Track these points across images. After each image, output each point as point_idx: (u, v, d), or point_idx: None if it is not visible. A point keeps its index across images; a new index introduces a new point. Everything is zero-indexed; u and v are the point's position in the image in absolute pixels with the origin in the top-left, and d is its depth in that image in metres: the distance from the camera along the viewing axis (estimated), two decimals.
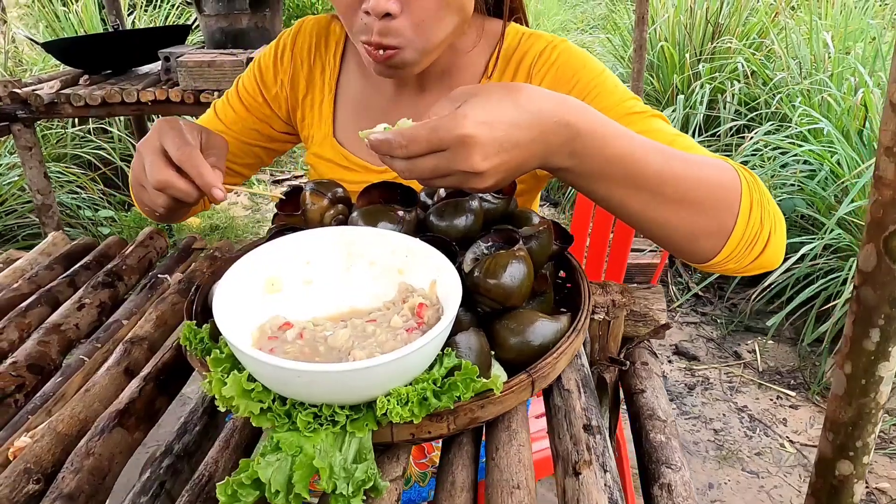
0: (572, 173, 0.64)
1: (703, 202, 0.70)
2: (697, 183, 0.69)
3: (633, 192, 0.67)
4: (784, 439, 2.12)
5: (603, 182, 0.65)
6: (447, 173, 0.58)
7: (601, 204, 0.70)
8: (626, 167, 0.65)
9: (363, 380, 0.49)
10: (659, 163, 0.66)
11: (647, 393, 0.79)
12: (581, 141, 0.61)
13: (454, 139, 0.55)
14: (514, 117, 0.57)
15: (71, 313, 0.84)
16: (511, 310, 0.66)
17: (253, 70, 1.06)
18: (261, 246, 0.63)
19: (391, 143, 0.58)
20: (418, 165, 0.58)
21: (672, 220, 0.70)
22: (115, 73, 2.60)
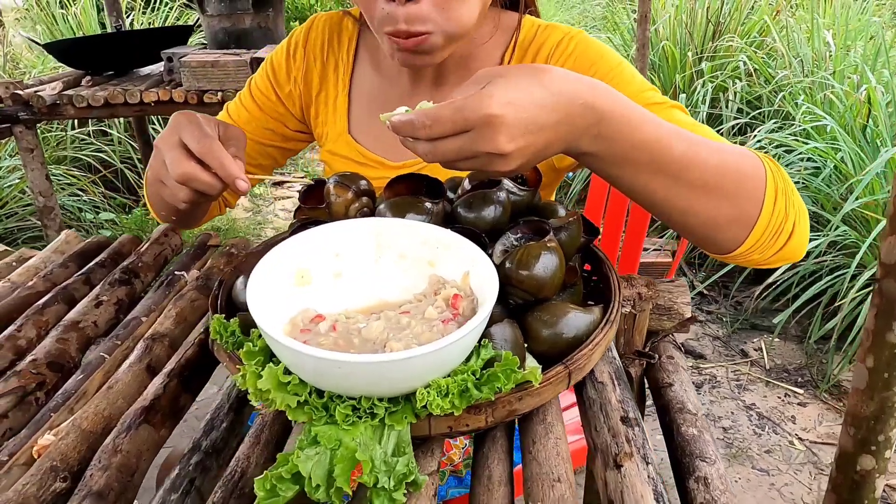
0: (597, 158, 0.63)
1: (727, 189, 0.68)
2: (722, 170, 0.68)
3: (658, 178, 0.65)
4: (793, 437, 2.12)
5: (628, 167, 0.64)
6: (471, 155, 0.56)
7: (624, 190, 0.69)
8: (651, 152, 0.63)
9: (404, 370, 0.48)
10: (683, 149, 0.65)
11: (675, 387, 0.78)
12: (607, 125, 0.60)
13: (479, 119, 0.54)
14: (541, 98, 0.56)
15: (89, 311, 0.83)
16: (543, 301, 0.65)
17: (265, 69, 1.05)
18: (290, 238, 0.62)
19: (414, 124, 0.56)
20: (441, 147, 0.56)
21: (695, 208, 0.68)
22: (117, 74, 2.59)
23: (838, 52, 3.14)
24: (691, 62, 3.42)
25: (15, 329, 0.79)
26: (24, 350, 0.78)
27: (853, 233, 2.41)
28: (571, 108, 0.57)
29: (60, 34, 4.30)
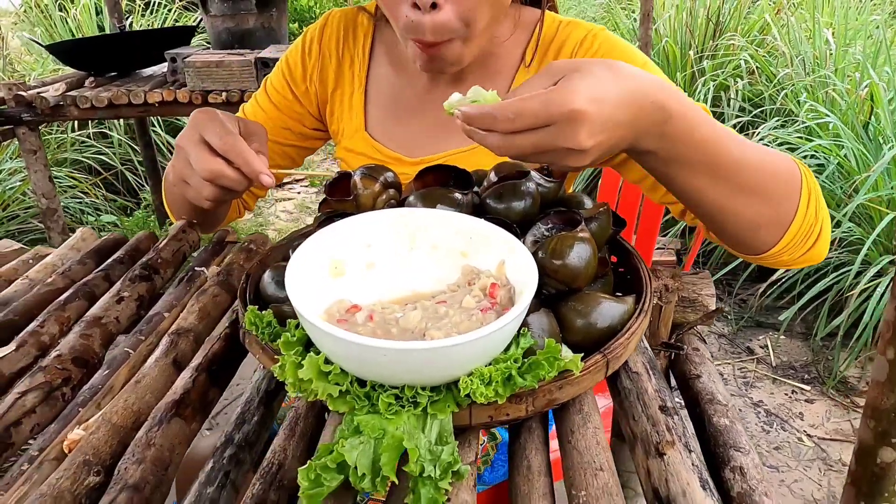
0: (657, 157, 0.63)
1: (771, 191, 0.70)
2: (766, 172, 0.69)
3: (710, 179, 0.66)
4: (801, 433, 2.12)
5: (685, 167, 0.64)
6: (548, 149, 0.55)
7: (675, 190, 0.69)
8: (708, 153, 0.64)
9: (450, 358, 0.48)
10: (735, 150, 0.66)
11: (703, 378, 0.77)
12: (672, 124, 0.60)
13: (564, 114, 0.53)
14: (618, 95, 0.55)
15: (110, 306, 0.82)
16: (575, 292, 0.65)
17: (281, 68, 1.04)
18: (324, 229, 0.61)
19: (496, 118, 0.54)
20: (518, 140, 0.54)
21: (740, 209, 0.70)
22: (120, 75, 2.58)
23: (839, 50, 3.15)
24: (692, 61, 3.43)
25: (37, 325, 0.78)
26: (46, 346, 0.77)
27: (858, 229, 2.41)
28: (644, 105, 0.57)
29: (59, 36, 4.28)
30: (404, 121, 0.97)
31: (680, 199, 0.70)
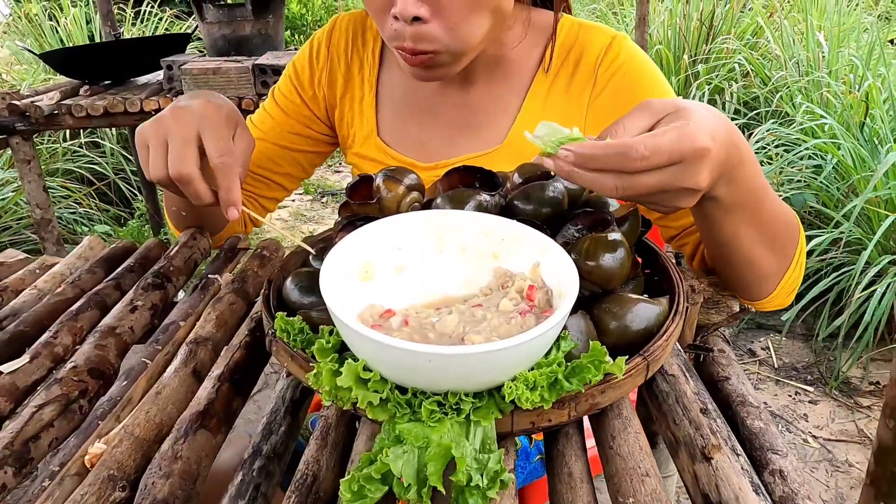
0: (719, 203, 0.62)
1: (782, 244, 0.73)
2: (785, 225, 0.72)
3: (748, 227, 0.67)
4: (807, 434, 2.11)
5: (736, 214, 0.64)
6: (668, 189, 0.53)
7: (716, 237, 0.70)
8: (755, 201, 0.65)
9: (496, 363, 0.46)
10: (772, 202, 0.68)
11: (732, 380, 0.76)
12: (742, 169, 0.59)
13: (695, 151, 0.51)
14: (725, 135, 0.55)
15: (124, 316, 0.80)
16: (609, 293, 0.63)
17: (289, 73, 1.02)
18: (354, 232, 0.60)
19: (628, 155, 0.50)
20: (642, 180, 0.52)
21: (759, 259, 0.72)
22: (115, 84, 2.55)
23: (832, 52, 3.18)
24: (687, 64, 3.44)
25: (50, 336, 0.76)
26: (60, 357, 0.75)
27: (857, 230, 2.42)
28: (729, 146, 0.56)
29: (49, 45, 4.25)
30: (416, 125, 0.95)
31: (714, 246, 0.71)
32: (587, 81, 0.87)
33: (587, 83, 0.87)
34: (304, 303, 0.65)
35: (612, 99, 0.86)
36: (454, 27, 0.74)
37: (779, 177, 2.65)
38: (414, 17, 0.71)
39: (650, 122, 0.54)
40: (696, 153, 0.52)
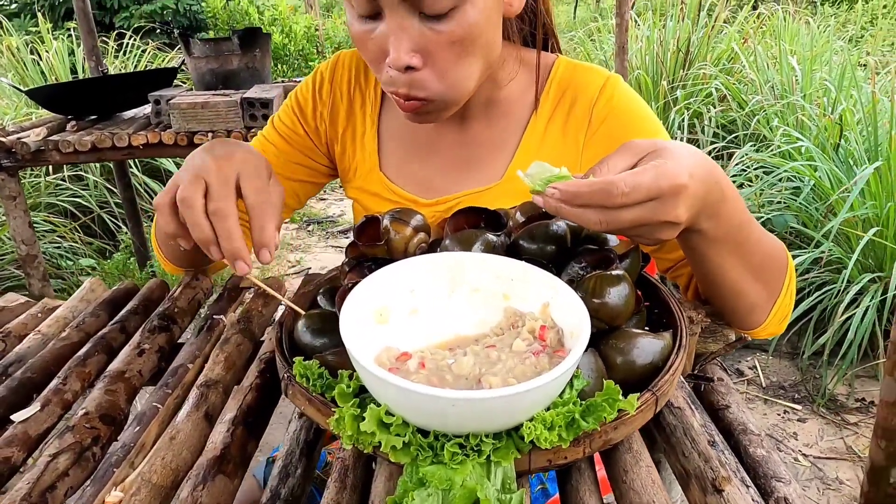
0: (704, 237, 0.66)
1: (770, 275, 0.77)
2: (770, 257, 0.76)
3: (734, 259, 0.71)
4: (797, 453, 2.14)
5: (722, 246, 0.68)
6: (647, 223, 0.57)
7: (705, 269, 0.73)
8: (740, 235, 0.69)
9: (517, 405, 0.48)
10: (757, 235, 0.72)
11: (732, 408, 0.78)
12: (724, 205, 0.63)
13: (671, 188, 0.55)
14: (703, 173, 0.59)
15: (132, 360, 0.80)
16: (614, 330, 0.65)
17: (290, 105, 1.04)
18: (370, 277, 0.61)
19: (610, 192, 0.54)
20: (623, 215, 0.55)
21: (748, 290, 0.76)
22: (101, 118, 2.55)
23: (805, 76, 3.27)
24: (665, 90, 3.52)
25: (60, 382, 0.76)
26: (70, 403, 0.75)
27: (837, 248, 2.48)
28: (710, 183, 0.60)
29: (31, 80, 4.24)
30: (417, 162, 0.97)
31: (703, 278, 0.75)
32: (583, 121, 0.89)
33: (583, 122, 0.90)
34: (317, 345, 0.66)
35: (606, 138, 0.89)
36: (445, 75, 0.76)
37: (759, 199, 2.71)
38: (407, 66, 0.74)
39: (632, 161, 0.59)
40: (672, 189, 0.56)
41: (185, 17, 7.53)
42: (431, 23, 0.73)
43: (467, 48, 0.75)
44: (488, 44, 0.78)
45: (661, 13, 4.24)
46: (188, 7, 7.49)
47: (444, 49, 0.74)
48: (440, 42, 0.73)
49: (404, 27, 0.72)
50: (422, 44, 0.73)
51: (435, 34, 0.73)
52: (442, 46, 0.74)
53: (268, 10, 6.55)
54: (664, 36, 3.78)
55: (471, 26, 0.74)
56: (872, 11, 7.50)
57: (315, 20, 7.22)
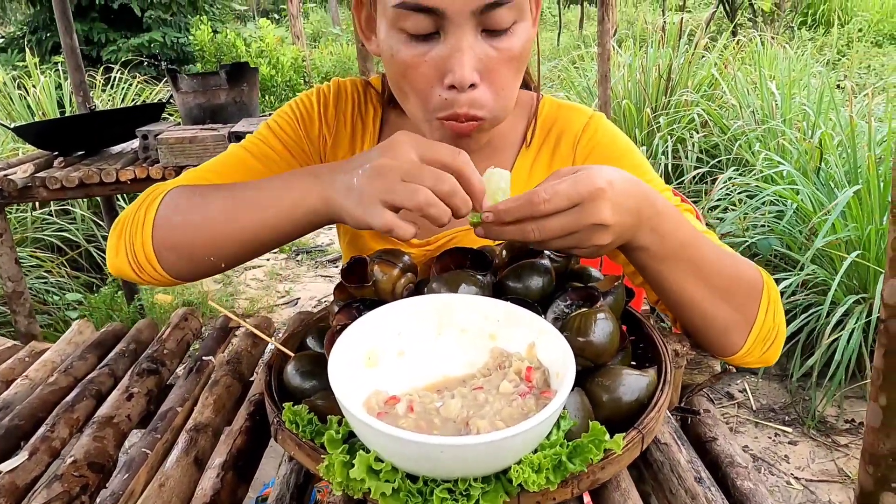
0: (650, 253, 0.69)
1: (740, 296, 0.77)
2: (737, 277, 0.77)
3: (693, 279, 0.73)
4: (789, 476, 2.14)
5: (673, 264, 0.71)
6: (575, 230, 0.61)
7: (663, 288, 0.75)
8: (691, 253, 0.71)
9: (506, 449, 0.49)
10: (714, 254, 0.74)
11: (720, 440, 0.79)
12: (661, 219, 0.67)
13: (590, 192, 0.60)
14: (625, 185, 0.63)
15: (121, 404, 0.80)
16: (600, 367, 0.66)
17: (293, 117, 0.98)
18: (359, 321, 0.62)
19: (533, 201, 0.60)
20: (550, 224, 0.61)
21: (713, 311, 0.77)
22: (88, 154, 2.56)
23: (785, 101, 3.34)
24: (649, 117, 3.57)
25: (47, 429, 0.76)
26: (58, 451, 0.75)
27: (822, 271, 2.51)
28: (640, 198, 0.65)
29: (17, 114, 4.24)
30: None
31: (666, 299, 0.76)
32: (567, 157, 0.92)
33: (567, 159, 0.92)
34: (307, 388, 0.67)
35: None
36: (501, 92, 0.78)
37: (744, 222, 2.74)
38: (471, 83, 0.74)
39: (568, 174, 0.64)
40: (592, 193, 0.61)
41: (172, 50, 7.59)
42: (492, 40, 0.74)
43: (520, 65, 0.79)
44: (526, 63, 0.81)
45: (642, 41, 4.32)
46: (175, 40, 7.56)
47: (503, 65, 0.76)
48: (500, 59, 0.75)
49: (471, 44, 0.73)
50: (484, 61, 0.75)
51: (495, 51, 0.75)
52: (501, 63, 0.76)
53: (255, 43, 6.62)
54: (646, 63, 3.85)
55: (525, 43, 0.77)
56: (848, 35, 7.69)
57: (302, 51, 7.30)
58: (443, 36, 0.74)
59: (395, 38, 0.75)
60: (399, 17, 0.73)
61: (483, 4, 0.71)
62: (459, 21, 0.72)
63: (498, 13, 0.72)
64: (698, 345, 0.85)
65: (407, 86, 0.79)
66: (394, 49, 0.76)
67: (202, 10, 8.13)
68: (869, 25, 7.98)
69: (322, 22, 14.60)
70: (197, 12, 8.01)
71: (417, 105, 0.80)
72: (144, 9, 7.61)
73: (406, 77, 0.77)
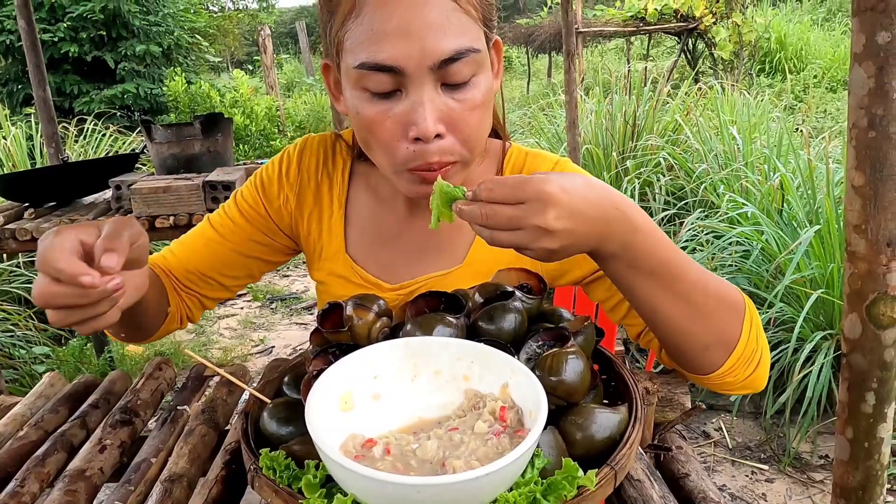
0: (622, 263, 0.70)
1: (720, 315, 0.78)
2: (718, 296, 0.78)
3: (671, 297, 0.74)
4: None
5: (648, 280, 0.72)
6: (520, 226, 0.62)
7: (637, 301, 0.76)
8: (671, 271, 0.72)
9: (481, 488, 0.50)
10: (693, 273, 0.75)
11: (692, 476, 0.81)
12: (639, 236, 0.68)
13: (535, 193, 0.62)
14: (588, 194, 0.65)
15: (93, 457, 0.79)
16: (572, 406, 0.68)
17: (255, 183, 1.04)
18: (334, 365, 0.63)
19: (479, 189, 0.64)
20: (496, 212, 0.63)
21: (691, 328, 0.77)
22: (60, 205, 2.54)
23: (746, 145, 3.46)
24: (616, 161, 3.67)
25: (17, 485, 0.74)
26: None
27: (790, 309, 2.57)
28: (609, 211, 0.66)
29: None
30: (382, 247, 1.00)
31: (641, 311, 0.77)
32: None
33: None
34: (283, 434, 0.67)
35: None
36: (467, 140, 0.81)
37: (712, 263, 2.81)
38: (436, 134, 0.78)
39: None
40: (538, 195, 0.62)
41: (146, 102, 7.62)
42: (452, 93, 0.78)
43: (485, 113, 0.82)
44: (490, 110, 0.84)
45: (608, 89, 4.47)
46: (149, 91, 7.60)
47: (466, 116, 0.80)
48: (462, 110, 0.79)
49: (431, 98, 0.77)
50: (446, 112, 0.78)
51: (456, 103, 0.78)
52: (463, 114, 0.79)
53: (229, 93, 6.69)
54: (612, 110, 3.98)
55: (486, 93, 0.81)
56: (804, 81, 8.03)
57: (276, 101, 7.39)
58: (404, 92, 0.77)
59: (359, 97, 0.80)
60: (361, 78, 0.78)
61: (439, 60, 0.75)
62: (418, 77, 0.76)
63: (455, 67, 0.76)
64: (678, 363, 0.84)
65: (373, 141, 0.82)
66: (358, 107, 0.80)
67: (176, 62, 8.21)
68: (823, 72, 8.35)
69: (296, 72, 14.82)
70: (171, 64, 8.09)
71: (386, 159, 0.83)
72: (118, 61, 7.66)
73: (372, 133, 0.81)
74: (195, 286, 1.05)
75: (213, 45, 10.83)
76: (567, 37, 3.02)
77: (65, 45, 7.37)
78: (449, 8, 0.76)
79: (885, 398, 1.06)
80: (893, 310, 1.02)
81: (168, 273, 1.03)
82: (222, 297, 1.09)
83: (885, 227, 0.98)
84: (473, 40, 0.78)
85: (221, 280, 1.06)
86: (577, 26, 8.30)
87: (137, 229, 0.71)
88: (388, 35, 0.75)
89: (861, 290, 1.02)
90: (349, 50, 0.78)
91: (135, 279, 0.77)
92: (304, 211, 1.03)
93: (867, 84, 0.92)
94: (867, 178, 0.98)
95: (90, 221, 0.71)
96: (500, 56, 0.87)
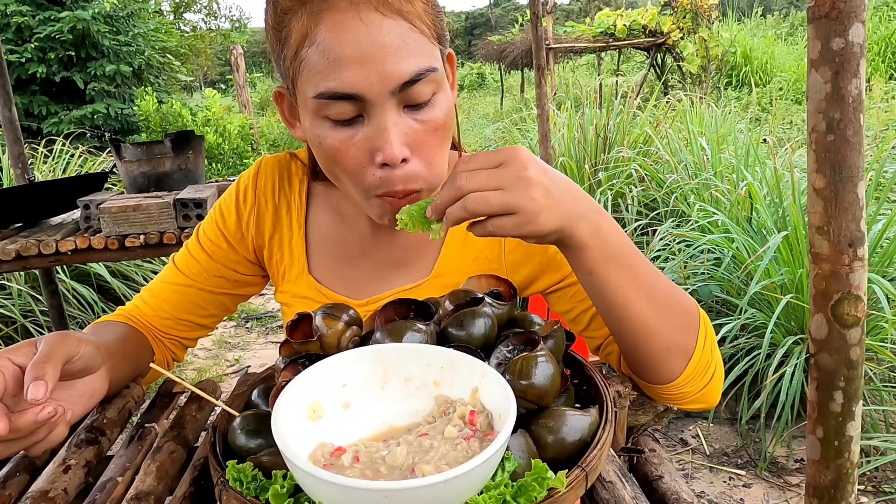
0: (592, 250, 0.72)
1: (679, 317, 0.80)
2: (675, 297, 0.80)
3: (638, 292, 0.75)
4: None
5: (614, 266, 0.73)
6: (501, 182, 0.66)
7: (608, 300, 0.76)
8: (631, 258, 0.74)
9: (449, 491, 0.49)
10: (654, 270, 0.77)
11: (665, 478, 0.81)
12: (605, 220, 0.71)
13: (508, 153, 0.67)
14: (555, 173, 0.69)
15: (57, 478, 0.77)
16: (543, 409, 0.68)
17: (214, 217, 1.04)
18: (302, 374, 0.62)
19: (460, 161, 0.68)
20: (477, 175, 0.66)
21: (659, 327, 0.78)
22: (27, 226, 2.50)
23: (714, 155, 3.52)
24: (589, 173, 3.71)
25: None
26: None
27: (760, 314, 2.60)
28: (575, 189, 0.70)
29: None
30: (347, 265, 0.99)
31: (610, 310, 0.77)
32: None
33: None
34: (252, 446, 0.66)
35: None
36: (432, 162, 0.81)
37: (684, 271, 2.84)
38: (402, 159, 0.77)
39: None
40: (513, 154, 0.67)
41: (116, 121, 7.54)
42: (414, 113, 0.78)
43: (447, 133, 0.82)
44: (451, 130, 0.85)
45: (578, 103, 4.53)
46: (120, 111, 7.53)
47: (429, 136, 0.80)
48: (425, 131, 0.79)
49: (395, 121, 0.76)
50: (410, 135, 0.78)
51: (420, 124, 0.78)
52: (427, 135, 0.79)
53: (201, 112, 6.65)
54: (583, 123, 4.03)
55: (447, 111, 0.81)
56: (770, 94, 8.22)
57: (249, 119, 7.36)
58: (366, 118, 0.77)
59: (321, 126, 0.78)
60: (321, 107, 0.76)
61: (400, 84, 0.75)
62: (380, 102, 0.75)
63: (416, 89, 0.76)
64: (638, 371, 0.84)
65: (339, 169, 0.81)
66: (321, 137, 0.79)
67: (147, 82, 8.15)
68: (788, 84, 8.55)
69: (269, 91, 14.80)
70: (142, 84, 8.02)
71: (353, 186, 0.82)
72: (88, 81, 7.58)
73: (337, 161, 0.80)
74: (173, 331, 1.04)
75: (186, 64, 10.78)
76: (537, 51, 3.06)
77: (32, 66, 7.28)
78: (404, 29, 0.75)
79: (853, 396, 1.07)
80: (857, 309, 1.03)
81: (146, 324, 1.03)
82: (202, 335, 1.08)
83: (846, 227, 1.00)
84: (431, 59, 0.77)
85: (197, 321, 1.05)
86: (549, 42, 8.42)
87: (74, 344, 0.74)
88: (345, 62, 0.73)
89: (825, 290, 1.04)
90: (306, 80, 0.77)
91: (90, 385, 0.80)
92: (264, 235, 1.01)
93: (824, 89, 0.94)
94: (827, 180, 1.00)
95: (28, 340, 0.72)
96: (453, 68, 0.87)
